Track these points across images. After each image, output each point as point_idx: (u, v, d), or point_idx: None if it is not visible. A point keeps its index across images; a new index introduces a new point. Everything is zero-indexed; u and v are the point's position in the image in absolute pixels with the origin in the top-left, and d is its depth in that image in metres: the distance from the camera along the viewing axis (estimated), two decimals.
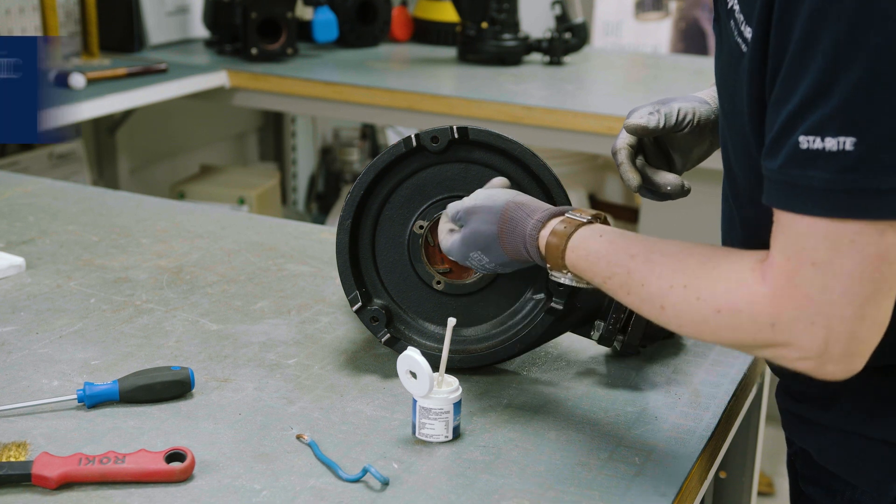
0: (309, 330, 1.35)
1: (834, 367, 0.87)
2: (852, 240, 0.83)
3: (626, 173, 1.18)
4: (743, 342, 0.90)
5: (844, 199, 0.82)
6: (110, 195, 1.89)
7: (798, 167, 0.84)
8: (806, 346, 0.86)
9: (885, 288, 0.84)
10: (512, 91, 2.62)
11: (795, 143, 0.84)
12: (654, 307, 0.95)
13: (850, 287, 0.84)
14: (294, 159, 3.87)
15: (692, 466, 1.06)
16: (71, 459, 0.99)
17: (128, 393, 1.13)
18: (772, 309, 0.87)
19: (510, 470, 1.04)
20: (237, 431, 1.09)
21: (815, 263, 0.84)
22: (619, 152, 1.20)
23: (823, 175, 0.82)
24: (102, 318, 1.36)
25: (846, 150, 0.81)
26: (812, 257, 0.84)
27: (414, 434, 1.09)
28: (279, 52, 2.89)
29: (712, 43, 4.23)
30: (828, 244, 0.84)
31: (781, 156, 0.85)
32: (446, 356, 1.09)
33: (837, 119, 0.81)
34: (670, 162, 1.22)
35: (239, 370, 1.23)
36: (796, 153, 0.84)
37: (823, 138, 0.82)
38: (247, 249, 1.63)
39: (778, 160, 0.85)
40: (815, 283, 0.84)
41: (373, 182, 1.22)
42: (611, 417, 1.14)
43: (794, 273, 0.86)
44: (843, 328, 0.85)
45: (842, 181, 0.82)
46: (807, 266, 0.85)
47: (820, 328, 0.85)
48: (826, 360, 0.86)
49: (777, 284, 0.87)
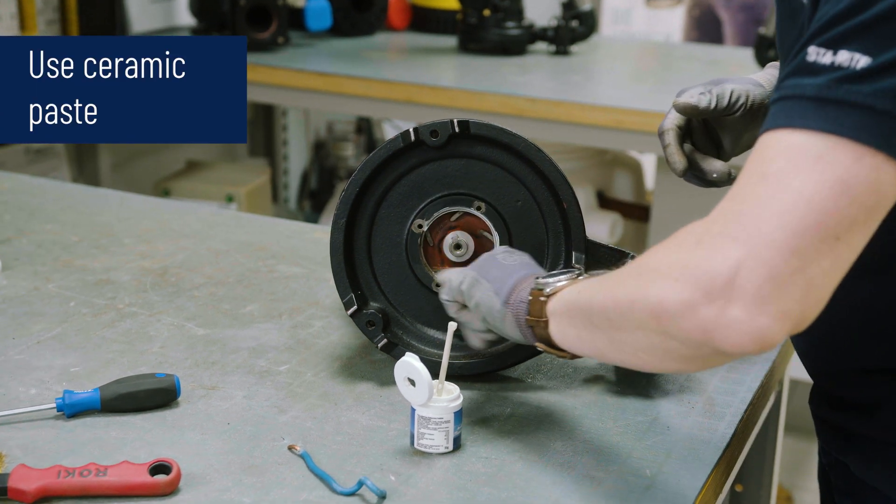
0: (301, 335, 1.35)
1: (740, 311, 0.76)
2: (819, 155, 0.75)
3: (673, 156, 1.18)
4: (661, 273, 0.81)
5: (832, 111, 0.76)
6: (91, 192, 1.89)
7: (795, 77, 0.79)
8: (715, 268, 0.76)
9: (836, 230, 0.75)
10: (516, 82, 2.62)
11: (804, 54, 0.79)
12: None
13: (793, 206, 0.75)
14: (285, 154, 3.87)
15: (706, 479, 1.06)
16: (49, 472, 0.99)
17: (110, 402, 1.13)
18: (703, 223, 0.81)
19: (514, 483, 1.04)
20: (225, 442, 1.10)
21: (765, 175, 0.77)
22: (667, 133, 1.19)
23: (817, 82, 0.77)
24: (83, 323, 1.36)
25: (856, 67, 0.76)
26: (763, 169, 0.77)
27: (412, 445, 1.09)
28: (269, 41, 2.89)
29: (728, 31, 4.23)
30: (788, 156, 0.76)
31: (784, 72, 0.80)
32: (446, 362, 1.09)
33: (860, 35, 0.76)
34: (719, 147, 1.22)
35: (227, 377, 1.23)
36: (800, 65, 0.79)
37: (836, 51, 0.77)
38: (235, 250, 1.63)
39: (779, 77, 0.81)
40: (755, 194, 0.77)
41: (369, 179, 1.22)
42: (620, 427, 1.14)
43: (738, 187, 0.79)
44: (764, 253, 0.75)
45: (836, 90, 0.76)
46: (755, 178, 0.78)
47: (737, 246, 0.76)
48: (733, 295, 0.76)
49: (718, 207, 0.80)
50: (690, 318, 0.79)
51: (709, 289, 0.78)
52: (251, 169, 3.43)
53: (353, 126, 3.85)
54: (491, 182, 1.22)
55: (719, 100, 1.16)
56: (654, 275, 0.84)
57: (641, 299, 0.84)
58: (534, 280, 1.05)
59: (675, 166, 1.18)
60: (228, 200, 3.12)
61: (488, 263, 1.11)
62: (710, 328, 0.78)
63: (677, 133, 1.18)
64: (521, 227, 1.23)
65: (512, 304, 1.05)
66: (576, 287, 0.99)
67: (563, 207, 1.21)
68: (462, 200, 1.23)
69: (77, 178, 3.10)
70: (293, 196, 3.94)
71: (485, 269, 1.10)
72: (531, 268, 1.09)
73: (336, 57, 2.92)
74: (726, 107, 1.16)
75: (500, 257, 1.11)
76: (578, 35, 2.97)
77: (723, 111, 1.16)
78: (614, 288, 0.91)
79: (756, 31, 2.76)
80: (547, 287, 1.01)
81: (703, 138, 1.21)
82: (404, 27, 3.35)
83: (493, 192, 1.22)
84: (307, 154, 3.94)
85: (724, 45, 4.18)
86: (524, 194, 1.22)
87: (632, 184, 3.14)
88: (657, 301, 0.82)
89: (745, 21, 4.18)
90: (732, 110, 1.16)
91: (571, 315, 0.97)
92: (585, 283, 0.99)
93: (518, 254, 1.13)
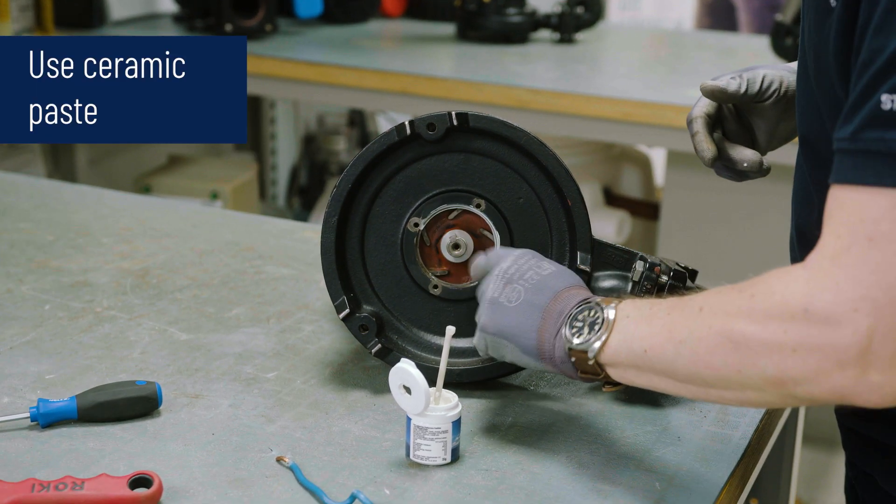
0: (290, 340, 1.35)
1: (880, 375, 0.80)
2: None
3: (701, 143, 1.17)
4: (772, 347, 0.84)
5: None
6: (67, 189, 1.89)
7: (876, 129, 0.80)
8: (844, 341, 0.80)
9: None
10: (517, 72, 2.63)
11: (877, 102, 0.80)
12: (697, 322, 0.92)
13: None
14: (273, 149, 3.87)
15: (719, 493, 1.06)
16: (23, 485, 0.99)
17: (87, 410, 1.13)
18: (807, 289, 0.82)
19: (516, 497, 1.04)
20: (210, 453, 1.10)
21: (872, 239, 0.79)
22: (696, 121, 1.19)
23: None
24: (58, 327, 1.36)
25: None
26: (870, 231, 0.79)
27: (408, 456, 1.09)
28: (257, 29, 2.89)
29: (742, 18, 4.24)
30: (893, 217, 0.78)
31: (857, 120, 0.81)
32: (444, 369, 1.09)
33: None
34: (753, 139, 1.22)
35: (212, 385, 1.23)
36: (876, 114, 0.80)
37: None
38: (220, 250, 1.63)
39: (852, 125, 0.82)
40: (869, 260, 0.79)
41: (362, 174, 1.22)
42: (628, 438, 1.14)
43: (843, 250, 0.80)
44: (893, 321, 0.79)
45: None
46: (861, 241, 0.79)
47: (864, 316, 0.79)
48: (869, 362, 0.80)
49: (819, 265, 0.82)
50: (823, 384, 0.83)
51: (841, 360, 0.81)
52: (237, 164, 3.43)
53: (345, 119, 3.85)
54: (491, 178, 1.22)
55: (750, 84, 1.16)
56: (762, 347, 0.86)
57: (754, 374, 0.87)
58: (560, 334, 1.03)
59: (703, 154, 1.18)
60: (213, 197, 3.12)
61: (497, 315, 1.08)
62: (847, 393, 0.83)
63: (706, 121, 1.18)
64: (523, 226, 1.23)
65: (549, 359, 1.05)
66: (626, 334, 0.98)
67: (567, 205, 1.21)
68: (461, 197, 1.23)
69: (52, 173, 3.09)
70: (282, 193, 3.94)
71: (499, 326, 1.08)
72: (538, 295, 1.07)
73: (327, 45, 2.92)
74: (757, 92, 1.16)
75: (502, 299, 1.08)
76: (584, 22, 2.97)
77: (753, 97, 1.16)
78: (703, 354, 0.91)
79: (773, 17, 2.76)
80: (589, 350, 1.00)
81: (737, 129, 1.21)
82: (399, 14, 3.36)
83: (494, 188, 1.22)
84: (296, 148, 3.94)
85: (738, 32, 4.18)
86: (526, 191, 1.22)
87: (640, 180, 3.14)
88: (778, 373, 0.85)
89: (761, 7, 4.18)
90: (764, 97, 1.16)
91: (640, 369, 0.98)
92: (638, 329, 0.98)
93: (516, 266, 1.10)
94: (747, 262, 2.41)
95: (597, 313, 1.01)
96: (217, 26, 2.86)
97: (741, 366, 0.88)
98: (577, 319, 1.02)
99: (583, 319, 1.02)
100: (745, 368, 0.87)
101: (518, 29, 2.93)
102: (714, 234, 2.53)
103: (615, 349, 0.99)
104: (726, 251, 2.50)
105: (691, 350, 0.92)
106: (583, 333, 1.01)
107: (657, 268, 1.18)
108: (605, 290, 1.20)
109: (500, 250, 1.15)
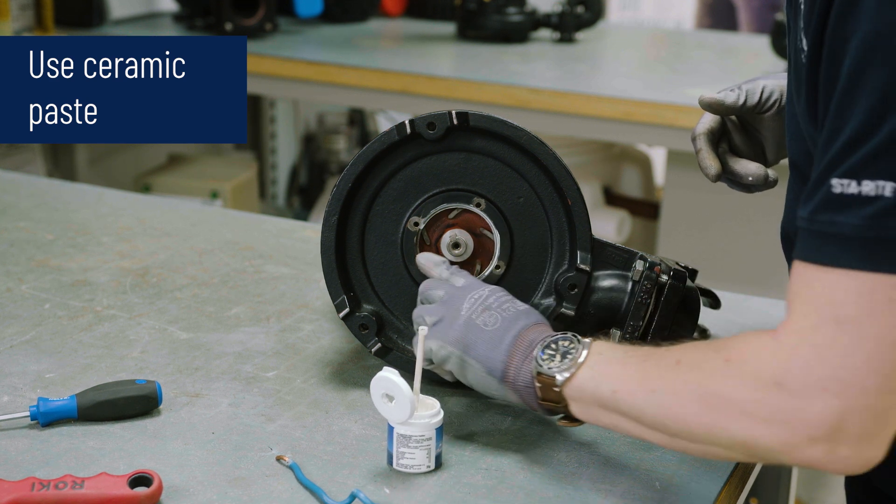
0: (290, 339, 1.35)
1: (848, 450, 0.83)
2: (890, 297, 0.80)
3: (704, 160, 1.18)
4: (745, 414, 0.86)
5: (881, 249, 0.80)
6: (67, 188, 1.89)
7: (827, 212, 0.83)
8: (815, 418, 0.82)
9: None
10: (517, 72, 2.63)
11: (828, 186, 0.83)
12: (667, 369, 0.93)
13: (879, 353, 0.80)
14: (273, 148, 3.87)
15: (719, 492, 1.06)
16: (23, 484, 0.99)
17: (87, 409, 1.13)
18: (778, 363, 0.84)
19: (515, 496, 1.04)
20: (210, 452, 1.10)
21: (839, 321, 0.81)
22: (698, 138, 1.19)
23: (853, 222, 0.81)
24: (58, 326, 1.36)
25: (884, 195, 0.80)
26: (836, 313, 0.82)
27: (390, 464, 1.08)
28: (257, 28, 2.89)
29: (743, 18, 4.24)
30: (859, 299, 0.81)
31: (814, 200, 0.84)
32: (420, 372, 1.07)
33: (878, 161, 0.80)
34: (762, 152, 1.22)
35: (212, 384, 1.23)
36: (827, 198, 0.83)
37: (860, 181, 0.81)
38: (220, 249, 1.63)
39: (811, 205, 0.84)
40: (836, 342, 0.81)
41: (362, 174, 1.22)
42: (628, 437, 1.14)
43: (810, 330, 0.83)
44: (863, 401, 0.81)
45: (876, 227, 0.80)
46: (828, 323, 0.82)
47: (833, 397, 0.81)
48: (839, 440, 0.82)
49: (788, 341, 0.84)
50: (794, 455, 0.85)
51: (812, 435, 0.83)
52: (237, 163, 3.43)
53: (345, 118, 3.86)
54: (491, 177, 1.22)
55: (749, 96, 1.16)
56: (734, 412, 0.87)
57: (724, 436, 0.89)
58: (530, 357, 1.03)
59: (707, 171, 1.18)
60: (213, 196, 3.12)
61: (470, 334, 1.08)
62: (815, 464, 0.85)
63: (708, 137, 1.18)
64: (523, 225, 1.23)
65: (512, 383, 1.05)
66: (596, 371, 0.98)
67: (567, 204, 1.21)
68: (461, 197, 1.23)
69: (52, 172, 3.10)
70: (281, 192, 3.95)
71: (468, 344, 1.07)
72: (515, 322, 1.07)
73: (327, 44, 2.92)
74: (757, 103, 1.16)
75: (479, 322, 1.08)
76: (584, 21, 2.97)
77: (753, 108, 1.16)
78: (675, 407, 0.91)
79: (773, 17, 2.76)
80: (557, 376, 1.00)
81: (744, 142, 1.21)
82: (399, 13, 3.36)
83: (494, 187, 1.22)
84: (296, 147, 3.94)
85: (738, 32, 4.18)
86: (526, 190, 1.22)
87: (640, 179, 3.14)
88: (747, 440, 0.87)
89: (761, 7, 4.18)
90: (764, 108, 1.17)
91: (606, 408, 0.97)
92: (610, 368, 0.98)
93: (495, 297, 1.10)
94: (747, 262, 2.42)
95: (572, 345, 1.01)
96: (217, 25, 2.87)
97: (712, 426, 0.89)
98: (550, 347, 1.03)
99: (556, 348, 1.02)
100: (716, 429, 0.89)
101: (518, 28, 2.93)
102: (714, 234, 2.53)
103: (582, 383, 0.99)
104: (726, 251, 2.50)
105: (662, 400, 0.92)
106: (554, 360, 1.01)
107: (657, 267, 1.18)
108: (605, 289, 1.20)
109: (474, 281, 1.15)
